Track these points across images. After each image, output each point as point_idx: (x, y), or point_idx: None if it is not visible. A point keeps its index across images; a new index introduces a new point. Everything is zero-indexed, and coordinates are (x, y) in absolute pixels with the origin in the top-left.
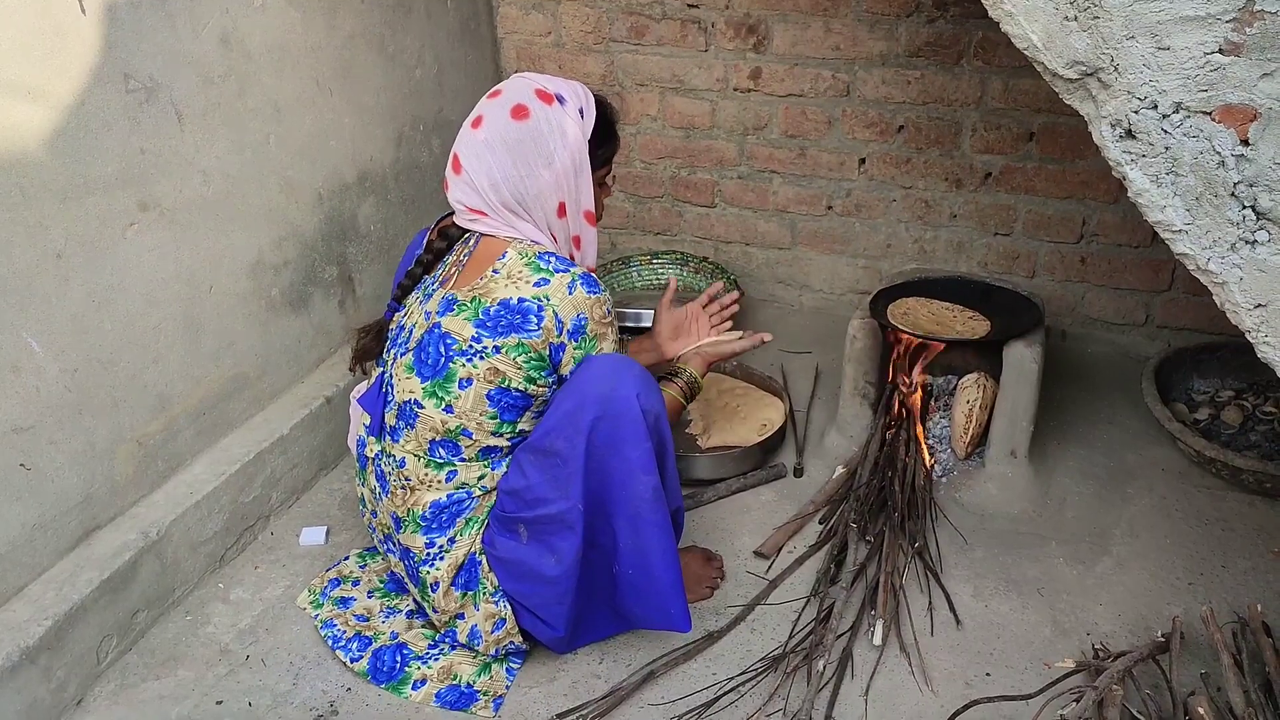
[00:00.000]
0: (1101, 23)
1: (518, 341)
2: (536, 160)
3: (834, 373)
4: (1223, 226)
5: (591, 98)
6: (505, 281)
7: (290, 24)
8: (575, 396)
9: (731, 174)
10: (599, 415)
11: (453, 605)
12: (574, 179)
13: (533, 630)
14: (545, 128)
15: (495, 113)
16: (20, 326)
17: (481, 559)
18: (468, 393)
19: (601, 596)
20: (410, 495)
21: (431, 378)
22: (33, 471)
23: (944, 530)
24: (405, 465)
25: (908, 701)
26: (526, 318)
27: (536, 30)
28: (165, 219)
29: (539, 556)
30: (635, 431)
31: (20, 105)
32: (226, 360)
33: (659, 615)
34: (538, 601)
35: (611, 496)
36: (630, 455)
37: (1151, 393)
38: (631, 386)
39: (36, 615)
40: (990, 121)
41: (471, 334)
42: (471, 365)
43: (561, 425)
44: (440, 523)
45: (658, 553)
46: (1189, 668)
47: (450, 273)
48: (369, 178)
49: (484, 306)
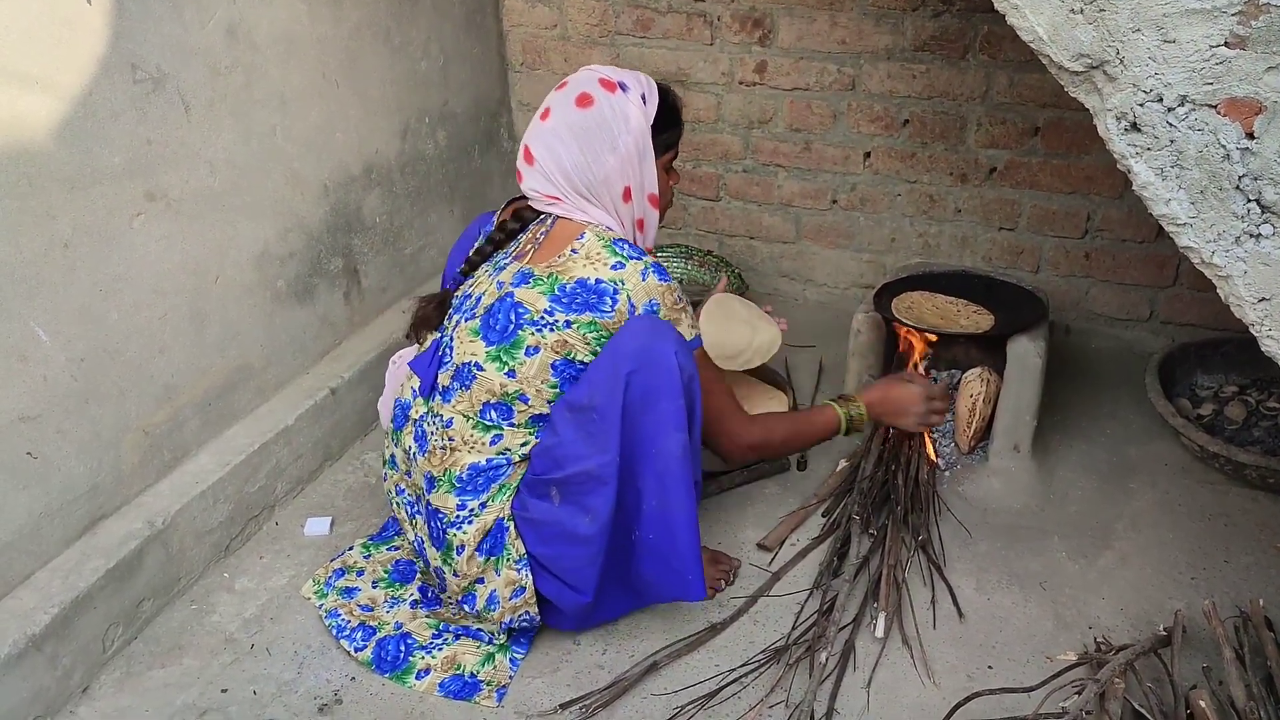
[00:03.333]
0: (1107, 15)
1: (590, 320)
2: (602, 146)
3: (838, 367)
4: (1227, 220)
5: (654, 85)
6: (584, 262)
7: (297, 15)
8: (613, 352)
9: (736, 167)
10: (635, 368)
11: (474, 570)
12: (638, 164)
13: (558, 599)
14: (609, 114)
15: (562, 103)
16: (28, 316)
17: (509, 524)
18: (533, 360)
19: (617, 571)
20: (450, 455)
21: (498, 343)
22: (40, 460)
23: (947, 524)
24: (452, 425)
25: (910, 693)
26: (602, 299)
27: (542, 22)
28: (172, 209)
29: (572, 516)
30: (670, 385)
31: (28, 95)
32: (232, 351)
33: (676, 581)
34: (568, 564)
35: (642, 452)
36: (664, 409)
37: (1155, 388)
38: (669, 344)
39: (43, 603)
40: (995, 116)
41: (545, 306)
42: (540, 335)
43: (600, 379)
44: (476, 486)
45: (682, 512)
46: (1190, 661)
47: (525, 249)
48: (374, 170)
49: (561, 283)
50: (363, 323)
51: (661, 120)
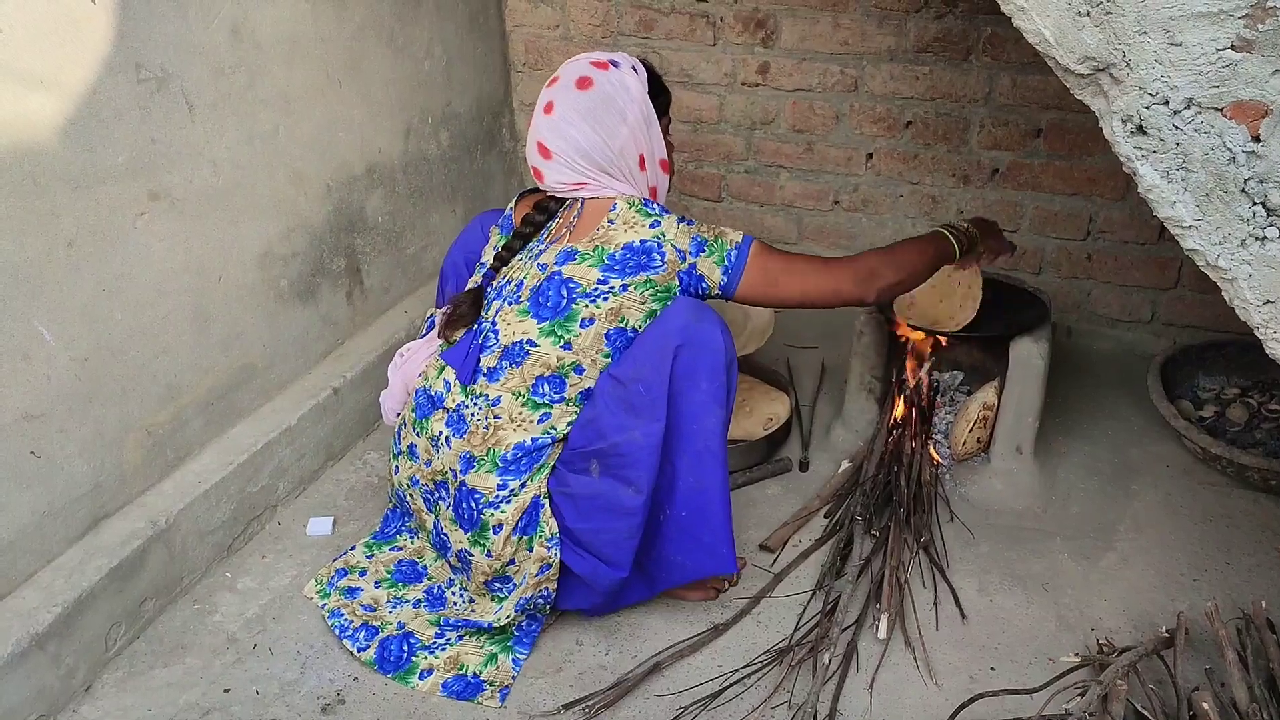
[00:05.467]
0: (1114, 18)
1: (645, 279)
2: (613, 119)
3: (840, 368)
4: (1233, 223)
5: (636, 59)
6: (623, 228)
7: (300, 15)
8: (660, 327)
9: (739, 168)
10: (682, 343)
11: (509, 550)
12: (646, 130)
13: (592, 575)
14: (611, 89)
15: (563, 91)
16: (31, 315)
17: (545, 502)
18: (589, 331)
19: (639, 557)
20: (493, 434)
21: (551, 318)
22: (43, 459)
23: (949, 525)
24: (499, 403)
25: (912, 695)
26: (650, 256)
27: (545, 23)
28: (175, 209)
29: (614, 489)
30: (714, 363)
31: (33, 95)
32: (235, 350)
33: (708, 557)
34: (607, 538)
35: (682, 427)
36: (706, 386)
37: (1157, 389)
38: (715, 325)
39: (46, 602)
40: (998, 117)
41: (598, 277)
42: (595, 306)
43: (648, 353)
44: (519, 467)
45: (717, 487)
46: (1193, 663)
47: (560, 233)
48: (377, 169)
49: (608, 253)
50: (365, 322)
51: (652, 87)
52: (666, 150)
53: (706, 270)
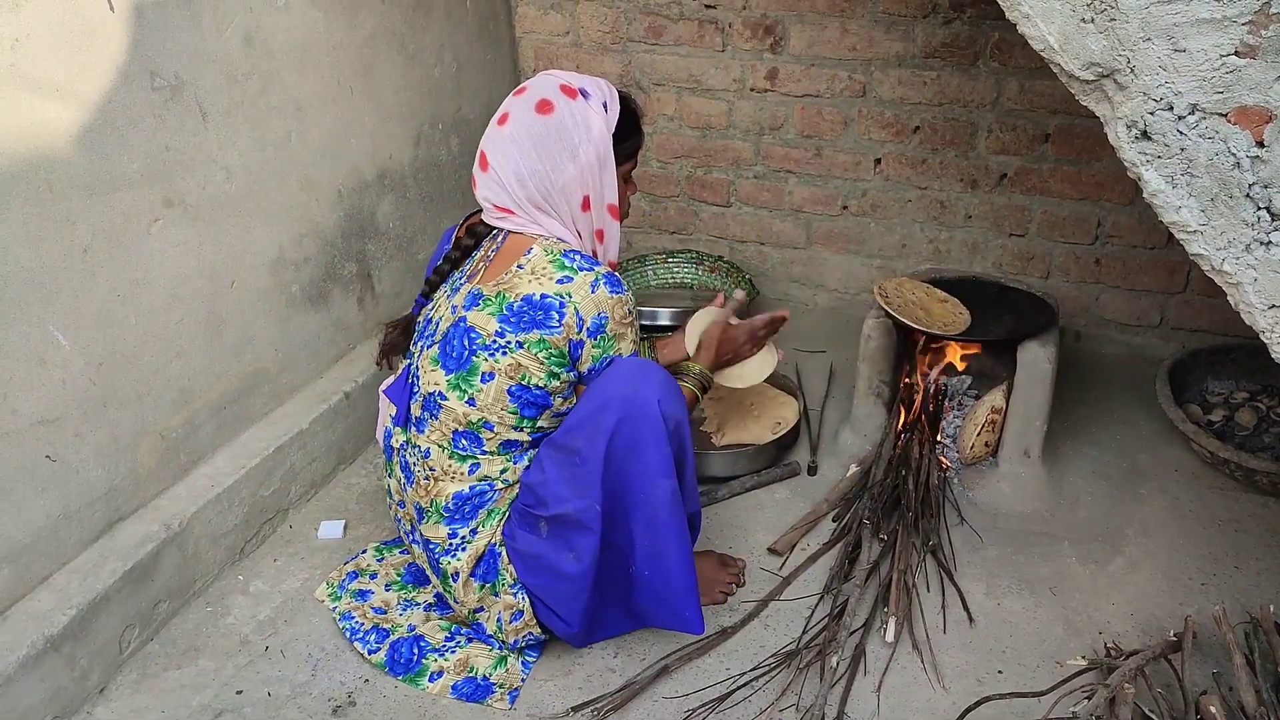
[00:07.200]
0: (1118, 25)
1: (539, 337)
2: (561, 153)
3: (848, 372)
4: (1237, 227)
5: (615, 92)
6: (529, 277)
7: (312, 23)
8: (599, 397)
9: (747, 173)
10: (621, 417)
11: (472, 598)
12: (598, 173)
13: (548, 624)
14: (570, 121)
15: (521, 109)
16: (47, 320)
17: (501, 550)
18: (489, 387)
19: (617, 594)
20: (434, 485)
21: (456, 370)
22: (58, 463)
23: (957, 529)
24: (430, 456)
25: (920, 698)
26: (549, 314)
27: (554, 30)
28: (189, 215)
29: (557, 552)
30: (655, 435)
31: (49, 103)
32: (247, 355)
33: (673, 617)
34: (554, 597)
35: (630, 499)
36: (650, 459)
37: (1165, 394)
38: (654, 391)
39: (61, 604)
40: (1006, 123)
41: (495, 329)
42: (494, 360)
43: (583, 424)
44: (463, 514)
45: (674, 557)
46: (1201, 667)
47: (478, 267)
48: (388, 176)
49: (508, 302)
50: (376, 327)
51: (623, 128)
52: (620, 196)
53: (585, 355)
